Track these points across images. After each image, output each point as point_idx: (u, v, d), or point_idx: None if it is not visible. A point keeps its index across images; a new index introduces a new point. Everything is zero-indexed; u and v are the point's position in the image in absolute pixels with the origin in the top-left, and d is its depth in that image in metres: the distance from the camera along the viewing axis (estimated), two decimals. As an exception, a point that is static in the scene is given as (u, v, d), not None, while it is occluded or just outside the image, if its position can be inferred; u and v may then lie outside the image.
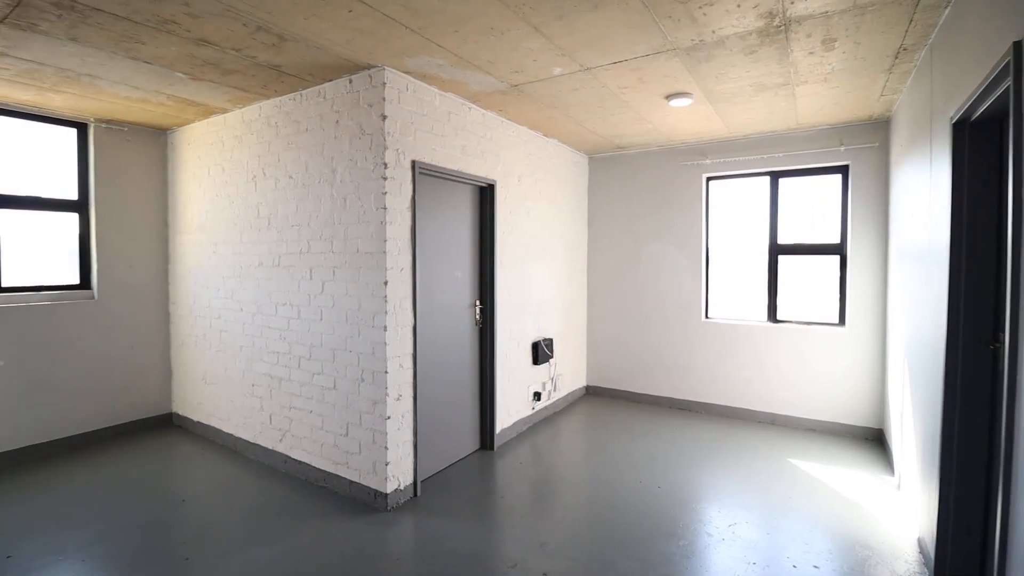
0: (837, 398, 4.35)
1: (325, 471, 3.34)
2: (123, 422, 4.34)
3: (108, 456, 3.87)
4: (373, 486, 3.09)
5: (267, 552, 2.62)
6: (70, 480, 3.46)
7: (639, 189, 5.26)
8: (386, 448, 3.02)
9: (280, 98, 3.55)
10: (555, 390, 4.94)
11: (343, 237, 3.20)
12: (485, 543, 2.72)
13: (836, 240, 4.43)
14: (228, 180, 3.98)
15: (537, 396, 4.62)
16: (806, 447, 4.07)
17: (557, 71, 3.07)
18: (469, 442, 3.91)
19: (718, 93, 3.46)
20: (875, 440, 4.20)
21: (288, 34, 2.57)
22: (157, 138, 4.52)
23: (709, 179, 4.97)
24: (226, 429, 4.09)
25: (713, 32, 2.56)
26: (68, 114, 3.98)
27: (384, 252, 3.00)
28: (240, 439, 3.95)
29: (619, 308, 5.41)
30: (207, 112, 3.95)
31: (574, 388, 5.38)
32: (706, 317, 4.98)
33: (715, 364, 4.88)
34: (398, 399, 3.09)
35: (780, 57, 2.86)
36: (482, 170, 3.82)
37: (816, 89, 3.39)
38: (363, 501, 3.13)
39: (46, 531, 2.81)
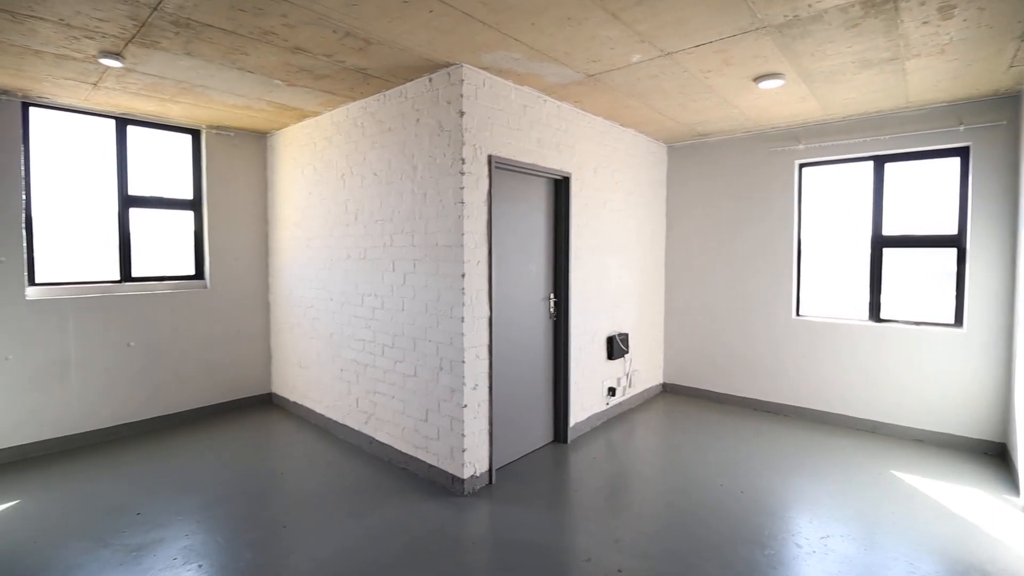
0: (951, 406, 3.91)
1: (406, 454, 3.50)
2: (229, 400, 4.80)
3: (217, 430, 4.30)
4: (450, 471, 3.20)
5: (355, 525, 2.80)
6: (186, 449, 3.89)
7: (722, 178, 5.00)
8: (463, 435, 3.12)
9: (366, 100, 3.74)
10: (630, 386, 4.85)
11: (423, 231, 3.33)
12: (559, 535, 2.73)
13: (952, 231, 3.97)
14: (320, 179, 4.26)
15: (611, 391, 4.55)
16: (913, 458, 3.71)
17: (635, 58, 2.99)
18: (543, 434, 3.93)
19: (814, 72, 3.20)
20: (996, 455, 3.74)
21: (374, 37, 2.70)
22: (258, 141, 4.92)
23: (802, 165, 4.62)
24: (318, 410, 4.40)
25: (809, 6, 2.37)
26: (184, 122, 4.43)
27: (462, 245, 3.08)
28: (330, 419, 4.24)
29: (699, 303, 5.20)
30: (301, 116, 4.24)
31: (650, 385, 5.24)
32: (797, 314, 4.66)
33: (807, 365, 4.56)
34: (474, 388, 3.17)
35: (887, 29, 2.60)
36: (557, 162, 3.81)
37: (930, 63, 3.04)
38: (441, 485, 3.25)
39: (168, 493, 3.18)
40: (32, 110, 3.82)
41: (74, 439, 3.94)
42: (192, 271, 4.66)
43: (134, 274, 4.31)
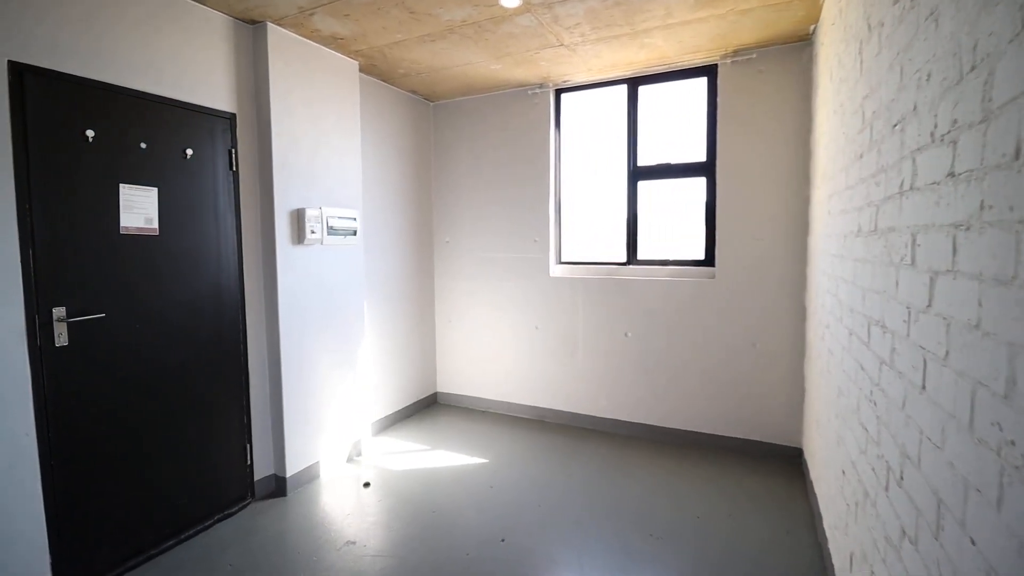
0: None
1: None
2: (737, 437, 3.42)
3: (716, 478, 3.08)
4: None
5: None
6: (669, 486, 3.00)
7: None
8: None
9: None
10: None
11: (979, 146, 0.89)
12: None
13: None
14: (844, 75, 2.15)
15: None
16: None
17: None
18: None
19: None
20: None
21: None
22: (795, 55, 3.13)
23: None
24: (827, 530, 2.38)
25: None
26: (695, 60, 3.35)
27: None
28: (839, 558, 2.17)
29: None
30: (821, -35, 2.25)
31: None
32: None
33: None
34: None
35: None
36: None
37: None
38: None
39: (634, 538, 2.44)
40: (563, 96, 3.89)
41: (573, 417, 3.92)
42: (700, 254, 3.57)
43: (639, 256, 3.73)
